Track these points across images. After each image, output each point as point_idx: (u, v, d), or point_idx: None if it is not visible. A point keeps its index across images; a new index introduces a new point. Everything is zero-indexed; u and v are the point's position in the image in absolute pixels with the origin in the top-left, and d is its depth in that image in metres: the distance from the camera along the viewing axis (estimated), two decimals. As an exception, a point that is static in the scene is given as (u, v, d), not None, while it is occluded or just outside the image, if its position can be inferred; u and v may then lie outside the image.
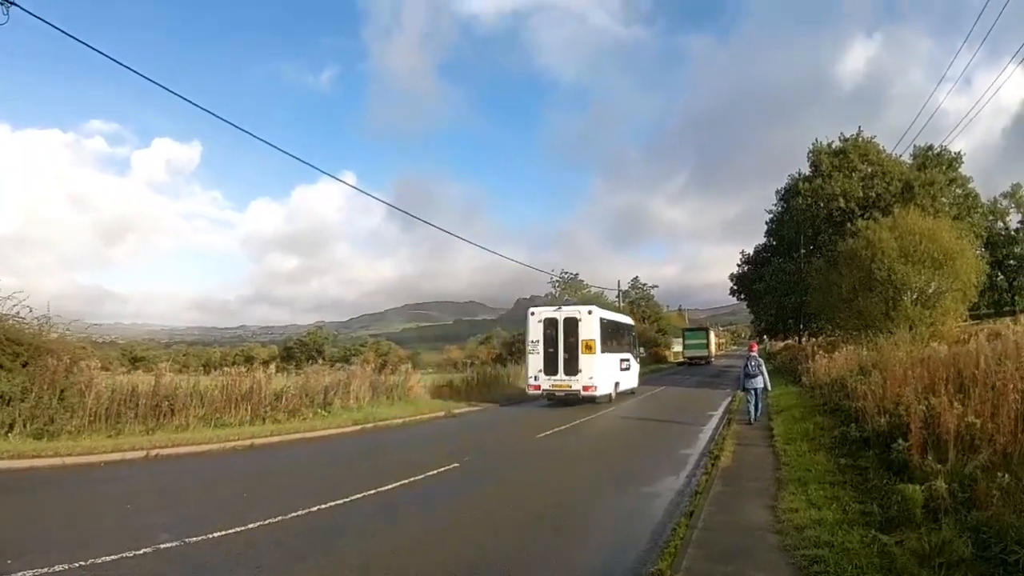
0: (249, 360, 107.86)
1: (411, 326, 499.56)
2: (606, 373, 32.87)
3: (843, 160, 52.73)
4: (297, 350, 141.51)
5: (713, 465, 14.94)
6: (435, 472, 14.68)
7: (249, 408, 22.78)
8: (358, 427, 23.47)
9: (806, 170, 57.75)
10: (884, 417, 15.02)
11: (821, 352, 34.47)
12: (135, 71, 20.91)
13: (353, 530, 10.16)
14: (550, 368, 31.75)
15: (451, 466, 15.50)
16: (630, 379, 38.66)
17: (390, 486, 13.04)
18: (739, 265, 70.24)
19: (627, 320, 43.81)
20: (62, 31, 18.81)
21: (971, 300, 39.86)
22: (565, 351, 31.53)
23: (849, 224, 46.84)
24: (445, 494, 12.99)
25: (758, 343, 41.38)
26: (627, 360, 38.11)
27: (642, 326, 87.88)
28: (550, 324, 32.06)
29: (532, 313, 33.13)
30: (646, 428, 24.11)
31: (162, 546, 8.86)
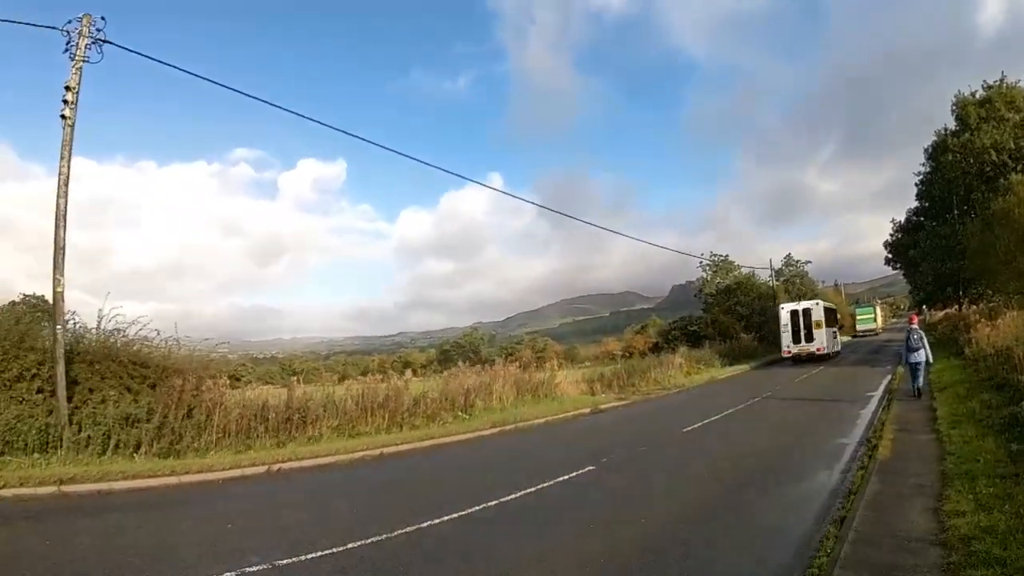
0: (407, 365, 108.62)
1: (567, 321, 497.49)
2: (828, 340, 48.65)
3: (990, 110, 48.94)
4: (454, 352, 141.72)
5: (870, 457, 13.60)
6: (566, 477, 13.84)
7: (386, 415, 22.51)
8: (496, 429, 22.65)
9: (952, 124, 53.84)
10: (1060, 393, 13.51)
11: (983, 320, 32.31)
12: (274, 104, 21.84)
13: (460, 550, 9.41)
14: (796, 339, 48.70)
15: (585, 469, 14.55)
16: (837, 344, 55.79)
17: (513, 495, 12.28)
18: (892, 233, 66.26)
19: (834, 306, 64.31)
20: (191, 73, 19.23)
21: None
22: (804, 328, 48.36)
23: (1003, 179, 43.56)
24: (572, 504, 12.05)
25: (918, 314, 39.15)
26: (835, 331, 55.89)
27: None
28: (793, 313, 49.21)
29: (782, 308, 51.44)
30: (801, 413, 22.69)
31: (248, 569, 8.41)
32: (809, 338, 48.07)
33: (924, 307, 75.32)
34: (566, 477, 13.85)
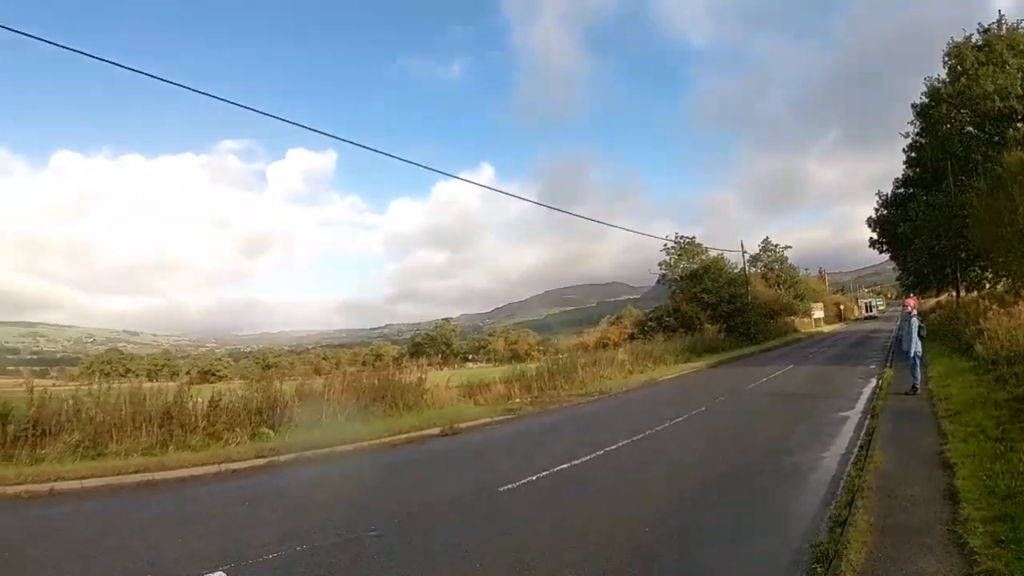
0: (378, 358, 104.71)
1: (554, 312, 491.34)
2: (877, 312, 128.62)
3: (989, 55, 40.03)
4: (426, 345, 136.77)
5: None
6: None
7: (150, 430, 16.66)
8: (263, 460, 15.74)
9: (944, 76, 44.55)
10: None
11: (995, 307, 24.00)
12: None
13: None
14: (867, 311, 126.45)
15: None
16: (876, 312, 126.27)
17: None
18: (877, 208, 55.08)
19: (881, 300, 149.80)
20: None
21: None
22: (869, 309, 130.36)
23: (1012, 130, 34.87)
24: None
25: (915, 297, 30.61)
26: (880, 309, 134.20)
27: (774, 291, 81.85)
28: (867, 303, 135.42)
29: (861, 300, 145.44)
30: (724, 457, 13.71)
31: None
32: (870, 311, 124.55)
33: (912, 294, 66.92)
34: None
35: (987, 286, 44.59)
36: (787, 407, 20.16)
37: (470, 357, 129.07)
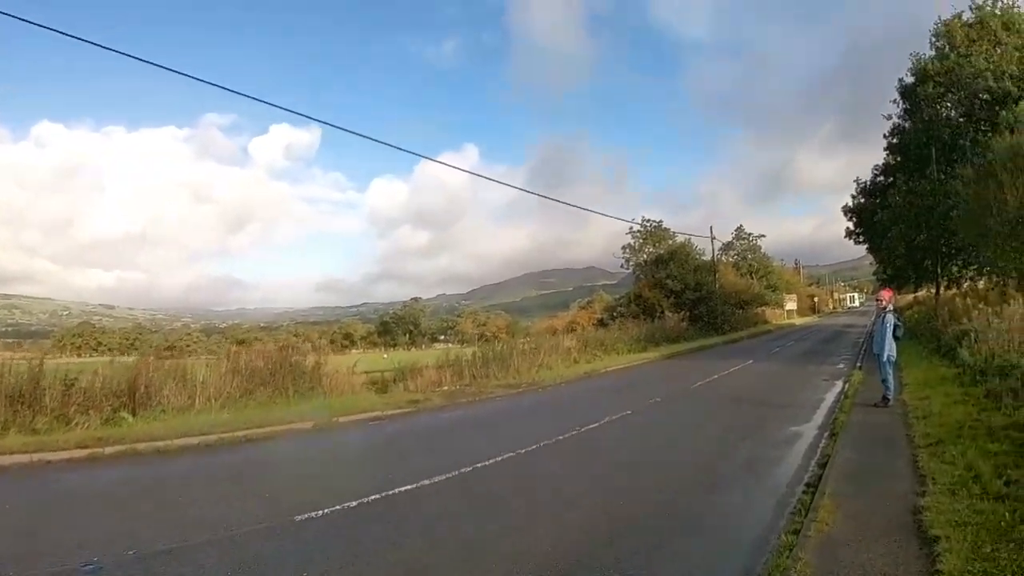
0: (347, 337, 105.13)
1: (531, 295, 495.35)
2: (857, 304, 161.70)
3: (981, 32, 36.65)
4: (394, 324, 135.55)
5: None
6: None
7: None
8: (85, 452, 13.81)
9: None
10: None
11: (981, 305, 20.95)
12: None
13: None
14: (850, 303, 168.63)
15: None
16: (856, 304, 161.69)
17: None
18: (854, 195, 51.04)
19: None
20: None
21: None
22: (851, 302, 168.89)
23: (1005, 111, 31.37)
24: None
25: (891, 289, 27.38)
26: (859, 302, 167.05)
27: (745, 281, 79.10)
28: (850, 296, 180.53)
29: (846, 295, 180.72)
30: (599, 513, 10.10)
31: None
32: (852, 303, 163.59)
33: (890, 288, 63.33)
34: None
35: (966, 283, 42.13)
36: (729, 417, 16.60)
37: (440, 337, 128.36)
